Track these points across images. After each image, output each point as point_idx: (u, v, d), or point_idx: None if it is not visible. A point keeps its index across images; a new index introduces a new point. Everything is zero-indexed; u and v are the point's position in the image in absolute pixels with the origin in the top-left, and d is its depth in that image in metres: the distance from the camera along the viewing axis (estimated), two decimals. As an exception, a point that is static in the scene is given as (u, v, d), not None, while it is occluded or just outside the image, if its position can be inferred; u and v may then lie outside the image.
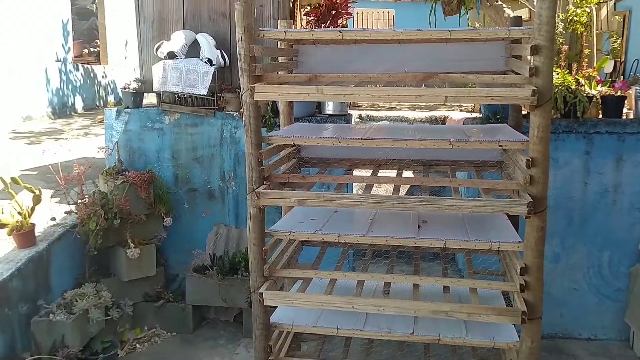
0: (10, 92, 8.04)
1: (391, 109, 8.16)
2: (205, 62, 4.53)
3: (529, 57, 2.57)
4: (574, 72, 4.52)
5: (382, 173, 3.61)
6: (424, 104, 8.58)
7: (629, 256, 4.28)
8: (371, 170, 3.55)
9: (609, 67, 6.70)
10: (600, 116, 4.36)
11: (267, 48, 3.22)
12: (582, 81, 4.36)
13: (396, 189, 3.45)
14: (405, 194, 3.94)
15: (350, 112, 5.04)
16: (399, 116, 6.75)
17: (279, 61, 3.49)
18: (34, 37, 8.67)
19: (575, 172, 4.26)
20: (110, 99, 10.68)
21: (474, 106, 6.89)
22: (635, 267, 4.21)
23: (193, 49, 4.65)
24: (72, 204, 4.17)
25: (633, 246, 4.25)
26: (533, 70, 2.51)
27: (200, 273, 4.52)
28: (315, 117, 4.61)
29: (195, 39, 4.63)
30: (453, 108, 7.66)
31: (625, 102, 4.44)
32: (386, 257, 3.61)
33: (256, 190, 2.86)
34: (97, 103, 10.31)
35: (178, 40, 4.57)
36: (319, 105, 4.77)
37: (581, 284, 4.39)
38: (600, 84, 4.53)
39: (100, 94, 10.52)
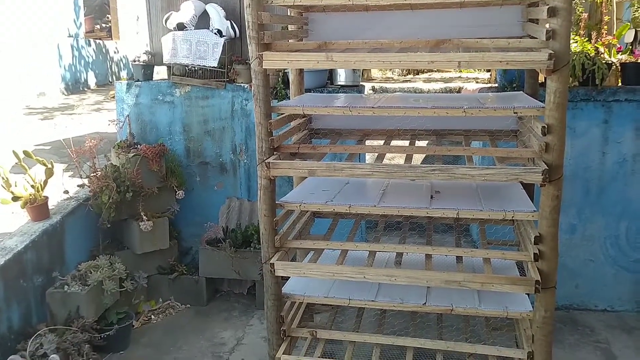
0: (24, 69, 8.06)
1: (405, 81, 8.05)
2: (215, 34, 4.47)
3: (545, 20, 2.48)
4: (593, 41, 4.39)
5: (395, 143, 3.56)
6: (439, 76, 8.46)
7: (647, 227, 4.21)
8: (383, 141, 3.50)
9: (629, 36, 6.49)
10: (620, 84, 4.24)
11: (276, 16, 3.15)
12: (602, 49, 4.24)
13: (408, 159, 3.40)
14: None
15: (363, 84, 4.97)
16: (412, 88, 6.65)
17: (289, 29, 3.43)
18: (46, 13, 8.65)
19: (593, 141, 4.16)
20: (123, 74, 10.68)
21: (490, 77, 6.77)
22: (654, 238, 4.13)
23: (202, 20, 4.59)
24: (85, 178, 4.18)
25: (651, 217, 4.17)
26: (550, 34, 2.42)
27: (213, 246, 4.54)
28: (327, 88, 4.55)
29: (205, 10, 4.57)
30: (469, 80, 7.53)
31: (646, 69, 4.31)
32: (398, 228, 3.58)
33: (266, 161, 2.83)
34: (110, 79, 10.31)
35: (187, 11, 4.51)
36: (331, 76, 4.71)
37: (598, 255, 4.33)
38: (620, 52, 4.40)
39: (113, 69, 10.52)
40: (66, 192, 4.22)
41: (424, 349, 3.04)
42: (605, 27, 4.82)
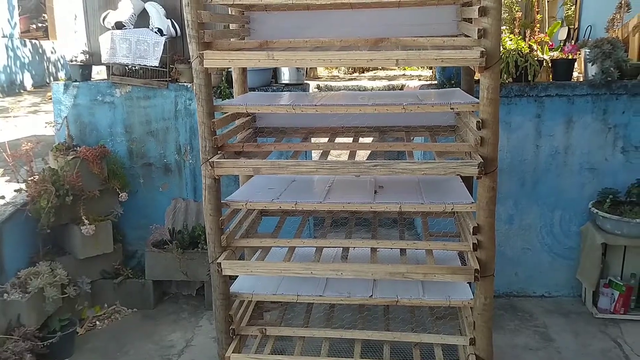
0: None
1: (351, 79, 8.16)
2: (156, 32, 4.40)
3: (477, 19, 2.58)
4: (527, 38, 4.58)
5: (339, 141, 3.60)
6: (383, 74, 8.61)
7: (580, 215, 4.42)
8: (328, 138, 3.54)
9: (562, 34, 6.81)
10: (551, 80, 4.44)
11: (217, 14, 3.14)
12: (535, 46, 4.43)
13: (352, 156, 3.45)
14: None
15: (309, 82, 5.01)
16: (357, 86, 6.76)
17: (230, 28, 3.42)
18: (-24, 11, 8.27)
19: (527, 135, 4.35)
20: (61, 75, 10.32)
21: (432, 75, 6.95)
22: (586, 225, 4.35)
23: (142, 19, 4.51)
24: (22, 182, 4.04)
25: (583, 205, 4.38)
26: (481, 32, 2.52)
27: (160, 248, 4.47)
28: (271, 87, 4.56)
29: (144, 8, 4.49)
30: (412, 77, 7.71)
31: (575, 65, 4.54)
32: (345, 224, 3.64)
33: (210, 160, 2.82)
34: (47, 80, 9.94)
35: (126, 9, 4.41)
36: (275, 75, 4.72)
37: (534, 244, 4.53)
38: (552, 49, 4.61)
39: (50, 70, 10.14)
40: (2, 197, 4.06)
41: (371, 340, 3.11)
42: (538, 25, 5.04)
